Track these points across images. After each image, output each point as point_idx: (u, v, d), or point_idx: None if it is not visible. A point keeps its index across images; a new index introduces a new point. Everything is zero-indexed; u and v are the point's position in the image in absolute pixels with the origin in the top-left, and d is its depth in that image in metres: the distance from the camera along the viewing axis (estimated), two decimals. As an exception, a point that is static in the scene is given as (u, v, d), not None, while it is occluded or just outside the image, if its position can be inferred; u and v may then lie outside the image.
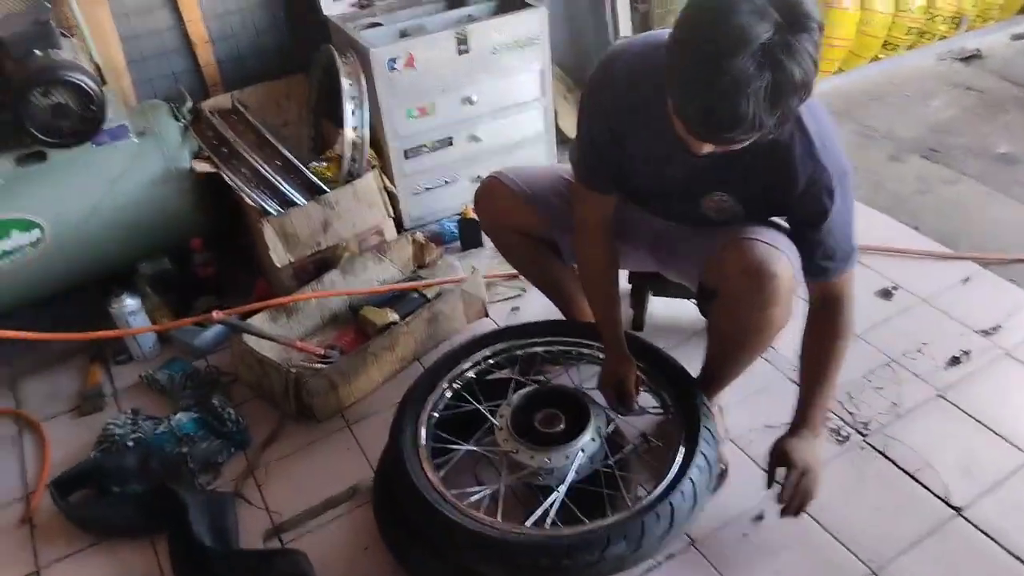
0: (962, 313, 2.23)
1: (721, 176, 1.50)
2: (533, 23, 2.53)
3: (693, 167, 1.46)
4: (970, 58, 3.74)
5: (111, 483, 1.85)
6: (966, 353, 2.10)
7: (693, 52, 1.14)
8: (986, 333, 2.16)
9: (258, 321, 2.18)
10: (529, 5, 2.57)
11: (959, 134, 3.16)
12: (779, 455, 1.58)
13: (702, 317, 1.85)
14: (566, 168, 1.81)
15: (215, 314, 2.05)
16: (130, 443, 1.94)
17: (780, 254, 1.50)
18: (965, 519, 1.69)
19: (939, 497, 1.74)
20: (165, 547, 1.75)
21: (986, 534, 1.66)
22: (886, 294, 2.31)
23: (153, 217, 2.29)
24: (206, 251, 2.44)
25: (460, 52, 2.44)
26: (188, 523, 1.66)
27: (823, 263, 1.52)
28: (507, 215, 1.84)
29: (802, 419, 1.61)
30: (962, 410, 1.94)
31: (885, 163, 3.02)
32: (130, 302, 2.22)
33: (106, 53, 2.42)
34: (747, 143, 1.23)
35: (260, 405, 2.12)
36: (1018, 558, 1.61)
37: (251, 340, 2.10)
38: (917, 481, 1.78)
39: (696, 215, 1.62)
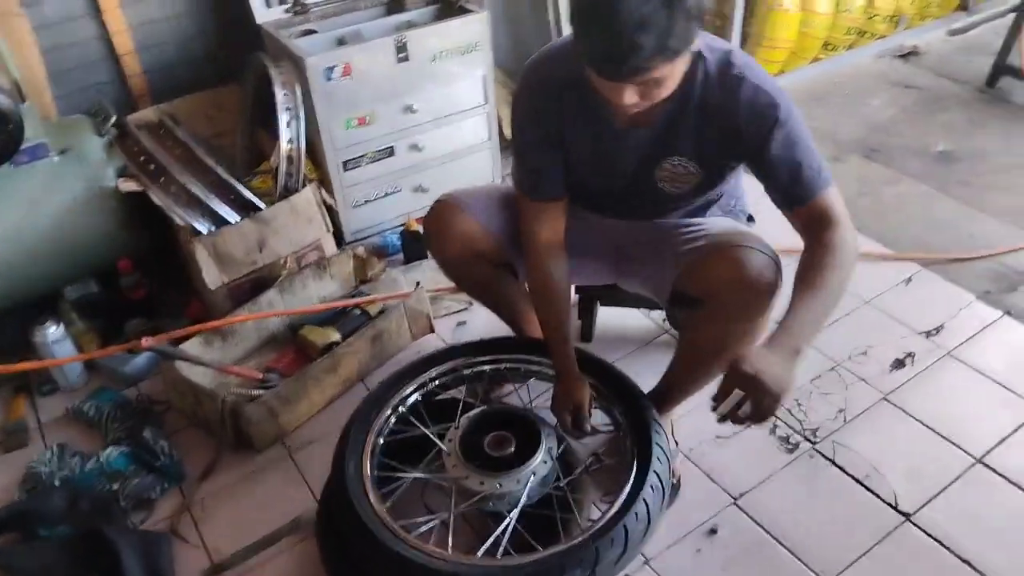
0: (905, 314, 2.25)
1: (666, 140, 1.50)
2: (474, 29, 2.47)
3: (637, 141, 1.49)
4: (908, 55, 3.80)
5: (38, 526, 1.74)
6: (910, 355, 2.11)
7: None
8: (929, 334, 2.18)
9: (192, 345, 2.08)
10: (469, 11, 2.51)
11: (899, 134, 3.20)
12: (735, 361, 1.31)
13: (665, 327, 1.81)
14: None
15: (144, 341, 1.95)
16: (57, 482, 1.84)
17: (771, 260, 1.49)
18: (914, 524, 1.70)
19: (888, 503, 1.75)
20: (96, 594, 1.66)
21: (935, 539, 1.67)
22: (831, 297, 2.31)
23: (78, 239, 2.18)
24: (135, 272, 2.33)
25: (399, 60, 2.38)
26: (120, 567, 1.58)
27: (793, 188, 1.45)
28: (463, 241, 1.73)
29: (779, 330, 1.36)
30: (908, 413, 1.96)
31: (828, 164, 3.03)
32: (53, 330, 2.10)
33: (25, 67, 2.29)
34: (658, 75, 1.26)
35: (195, 434, 2.03)
36: (967, 562, 1.63)
37: (183, 367, 2.01)
38: (866, 488, 1.79)
39: (652, 195, 1.60)
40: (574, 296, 2.13)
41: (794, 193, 1.46)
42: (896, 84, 3.59)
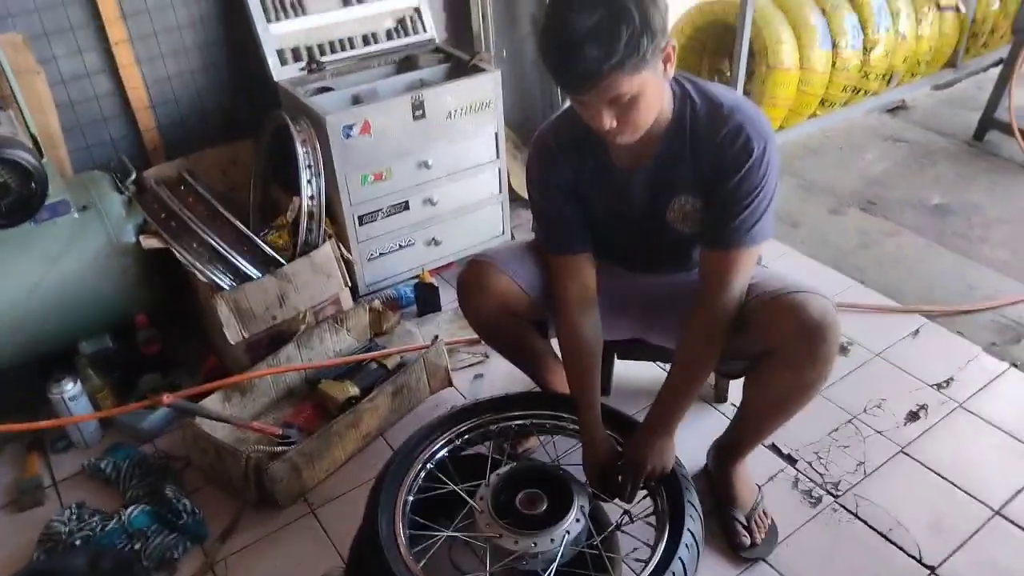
0: (915, 367, 2.29)
1: (666, 178, 1.57)
2: (487, 87, 2.53)
3: (641, 182, 1.59)
4: (896, 109, 3.92)
5: (59, 588, 1.72)
6: (923, 408, 2.15)
7: (547, 16, 1.35)
8: (940, 387, 2.22)
9: (211, 401, 2.08)
10: (482, 69, 2.57)
11: (894, 187, 3.29)
12: (633, 463, 1.62)
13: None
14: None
15: (166, 397, 1.95)
16: (77, 541, 1.81)
17: (827, 300, 1.52)
18: (940, 578, 1.72)
19: (913, 557, 1.76)
20: (122, 658, 1.63)
21: (962, 593, 1.68)
22: (843, 349, 2.35)
23: (96, 295, 2.18)
24: (151, 327, 2.33)
25: (416, 117, 2.42)
26: (148, 631, 1.55)
27: (719, 230, 1.52)
28: (499, 300, 1.75)
29: (656, 414, 1.64)
30: (925, 466, 1.98)
31: (827, 217, 3.11)
32: (70, 387, 2.08)
33: (42, 123, 2.31)
34: (620, 91, 1.33)
35: (215, 492, 2.01)
36: (995, 616, 1.64)
37: (204, 423, 2.00)
38: (890, 541, 1.80)
39: (668, 236, 1.65)
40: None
41: (716, 233, 1.54)
42: (887, 138, 3.70)
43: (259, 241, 2.20)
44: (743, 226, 1.51)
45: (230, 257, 2.14)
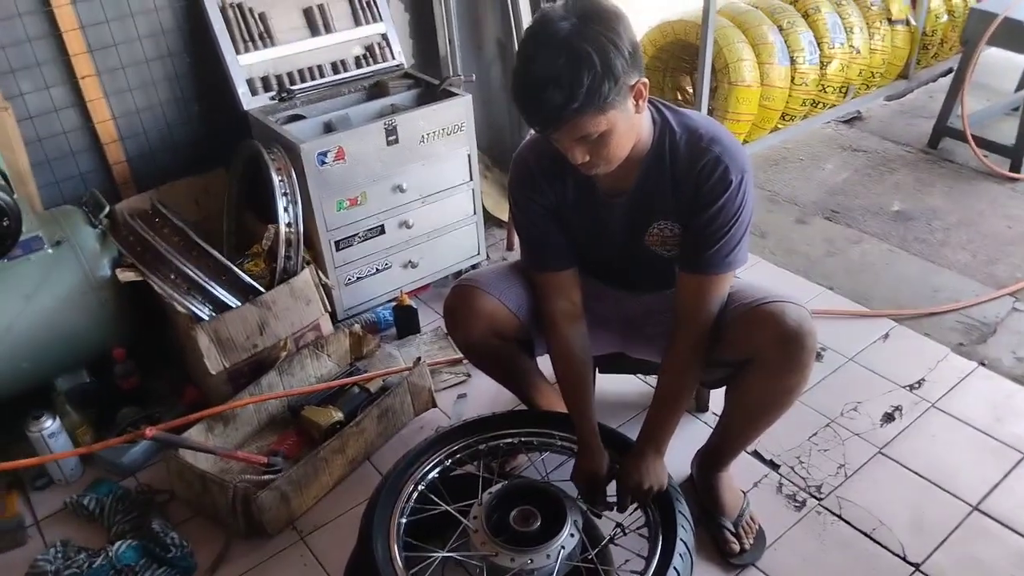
0: (887, 369, 2.35)
1: (645, 205, 1.61)
2: (459, 111, 2.56)
3: (621, 209, 1.63)
4: (852, 120, 4.04)
5: (47, 629, 1.69)
6: (898, 409, 2.20)
7: (516, 57, 1.41)
8: (912, 388, 2.28)
9: (194, 432, 2.06)
10: (453, 94, 2.60)
11: (855, 195, 3.37)
12: (631, 483, 1.64)
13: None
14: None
15: (148, 431, 1.92)
16: (63, 581, 1.78)
17: (803, 308, 1.56)
18: (924, 575, 1.76)
19: (897, 555, 1.80)
20: None
21: (946, 588, 1.73)
22: (817, 355, 2.38)
23: (72, 331, 2.16)
24: (128, 360, 2.30)
25: (389, 142, 2.44)
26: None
27: (696, 254, 1.57)
28: (486, 322, 1.77)
29: (645, 438, 1.69)
30: (903, 466, 2.03)
31: (793, 226, 3.18)
32: (49, 424, 2.05)
33: (11, 160, 2.28)
34: (588, 130, 1.38)
35: (201, 523, 1.99)
36: (980, 609, 1.68)
37: (188, 455, 1.99)
38: (875, 541, 1.84)
39: (648, 259, 1.69)
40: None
41: (693, 259, 1.59)
42: (845, 148, 3.80)
43: (237, 270, 2.19)
44: (719, 253, 1.56)
45: (208, 287, 2.13)
